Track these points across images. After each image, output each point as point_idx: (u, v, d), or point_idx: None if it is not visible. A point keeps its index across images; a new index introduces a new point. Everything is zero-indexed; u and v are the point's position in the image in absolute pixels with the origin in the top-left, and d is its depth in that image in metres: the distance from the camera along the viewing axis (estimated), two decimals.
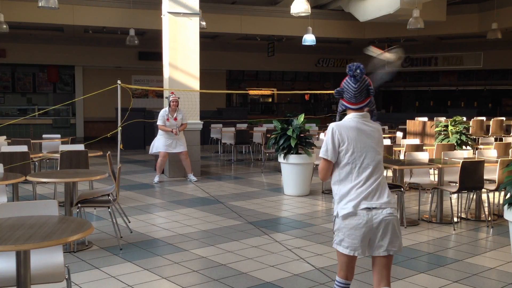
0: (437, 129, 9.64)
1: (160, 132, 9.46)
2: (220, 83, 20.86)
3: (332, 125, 3.09)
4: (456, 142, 8.88)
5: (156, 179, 9.42)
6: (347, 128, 3.05)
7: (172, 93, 9.52)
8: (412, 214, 6.86)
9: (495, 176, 6.27)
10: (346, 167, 3.04)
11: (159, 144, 9.46)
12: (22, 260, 2.92)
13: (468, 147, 8.92)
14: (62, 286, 3.49)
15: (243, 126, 14.18)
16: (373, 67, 3.26)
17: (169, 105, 9.36)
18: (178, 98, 9.45)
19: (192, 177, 9.62)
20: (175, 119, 9.37)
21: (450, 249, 5.42)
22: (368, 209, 2.96)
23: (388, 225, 2.97)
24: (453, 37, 18.51)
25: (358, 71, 2.99)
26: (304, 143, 8.20)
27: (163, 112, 9.38)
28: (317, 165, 9.10)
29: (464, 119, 9.59)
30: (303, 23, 14.81)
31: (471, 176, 6.15)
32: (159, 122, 9.39)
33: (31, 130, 17.74)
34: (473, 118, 13.40)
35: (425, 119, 13.37)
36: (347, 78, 3.06)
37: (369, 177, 3.01)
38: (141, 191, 8.65)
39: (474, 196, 6.84)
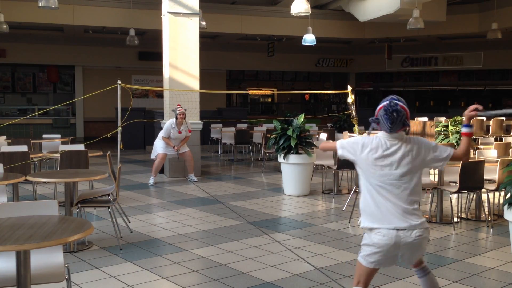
0: (437, 129, 9.64)
1: (159, 136, 9.44)
2: (220, 83, 20.86)
3: (363, 138, 3.13)
4: (456, 142, 8.87)
5: (151, 181, 9.28)
6: (372, 146, 3.06)
7: (179, 105, 9.38)
8: None
9: (495, 176, 6.26)
10: (373, 179, 3.05)
11: (159, 146, 9.43)
12: (22, 260, 2.92)
13: None
14: (62, 286, 3.49)
15: (243, 126, 14.18)
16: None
17: (176, 118, 9.25)
18: (185, 110, 9.34)
19: (192, 177, 9.60)
20: (179, 132, 9.29)
21: (450, 249, 5.42)
22: (397, 229, 2.96)
23: (416, 246, 3.01)
24: (453, 37, 18.52)
25: (395, 114, 2.98)
26: (304, 143, 8.19)
27: (169, 124, 9.26)
28: (317, 165, 9.12)
29: (464, 119, 9.58)
30: (303, 23, 14.81)
31: (471, 176, 6.15)
32: (163, 134, 9.28)
33: (31, 130, 17.74)
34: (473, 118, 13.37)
35: (425, 119, 13.37)
36: (382, 112, 3.03)
37: (398, 196, 3.00)
38: (141, 191, 8.64)
39: (474, 196, 6.84)
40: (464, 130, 3.19)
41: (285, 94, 23.60)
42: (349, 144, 3.16)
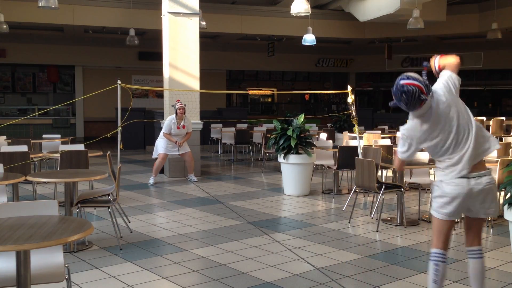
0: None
1: (161, 135, 9.45)
2: (220, 83, 20.86)
3: (404, 130, 3.26)
4: None
5: (151, 180, 9.27)
6: (427, 109, 3.15)
7: (178, 100, 9.40)
8: (412, 214, 6.86)
9: (495, 176, 6.26)
10: (442, 150, 3.17)
11: (160, 146, 9.43)
12: (22, 260, 2.91)
13: None
14: (62, 286, 3.49)
15: (243, 126, 14.18)
16: None
17: (176, 113, 9.27)
18: (185, 105, 9.35)
19: (192, 177, 9.59)
20: (183, 127, 9.31)
21: (450, 249, 5.40)
22: (468, 178, 3.07)
23: (487, 193, 3.11)
24: (453, 37, 18.52)
25: (404, 96, 3.06)
26: (304, 143, 8.19)
27: (170, 120, 9.27)
28: (317, 165, 9.12)
29: None
30: (303, 23, 14.81)
31: None
32: (164, 130, 9.29)
33: (31, 130, 17.74)
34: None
35: None
36: (393, 95, 3.14)
37: (464, 146, 3.13)
38: (141, 191, 8.64)
39: None
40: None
41: (285, 94, 23.61)
42: (408, 137, 3.23)
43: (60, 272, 3.29)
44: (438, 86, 3.22)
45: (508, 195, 4.69)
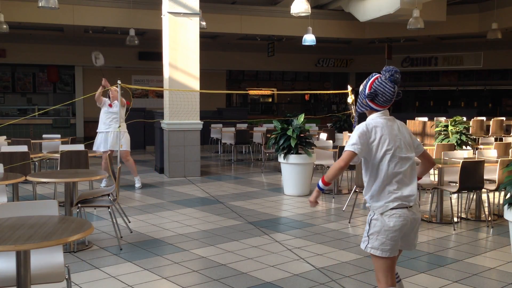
0: (437, 129, 9.64)
1: (99, 127, 8.69)
2: (220, 83, 20.85)
3: (365, 122, 3.03)
4: (456, 142, 8.88)
5: (103, 183, 8.52)
6: (377, 125, 2.99)
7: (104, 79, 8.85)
8: None
9: (495, 176, 6.27)
10: (382, 165, 2.93)
11: (100, 144, 8.60)
12: (22, 260, 2.91)
13: (468, 147, 8.92)
14: (62, 286, 3.49)
15: (243, 126, 14.17)
16: None
17: (108, 97, 8.76)
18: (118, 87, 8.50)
19: (137, 181, 8.88)
20: (110, 105, 8.69)
21: (450, 249, 5.42)
22: (407, 208, 2.92)
23: (418, 223, 3.01)
24: (453, 37, 18.52)
25: (397, 75, 2.98)
26: (304, 143, 8.20)
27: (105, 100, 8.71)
28: (317, 165, 9.12)
29: (464, 119, 9.58)
30: (303, 23, 14.81)
31: (471, 176, 6.15)
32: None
33: (31, 130, 17.73)
34: (473, 118, 13.40)
35: (425, 119, 13.36)
36: (381, 80, 2.96)
37: (405, 173, 2.94)
38: (141, 191, 8.64)
39: (474, 196, 6.84)
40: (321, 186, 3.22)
41: (285, 94, 23.60)
42: (354, 139, 2.95)
43: (60, 272, 3.29)
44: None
45: (508, 195, 4.69)
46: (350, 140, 2.97)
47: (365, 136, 2.94)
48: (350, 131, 11.49)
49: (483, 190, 6.39)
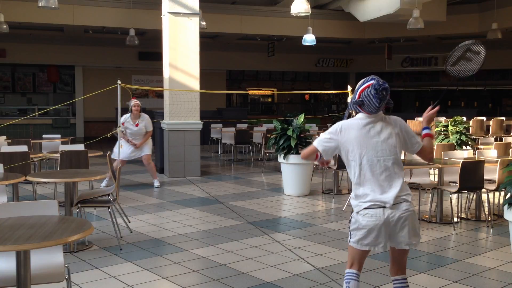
0: (437, 129, 9.64)
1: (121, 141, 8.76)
2: (220, 83, 20.86)
3: (341, 122, 3.12)
4: (456, 142, 8.88)
5: (104, 183, 8.53)
6: (352, 127, 3.06)
7: (134, 98, 8.93)
8: None
9: (495, 176, 6.26)
10: (355, 166, 3.05)
11: (123, 151, 8.70)
12: (22, 260, 2.91)
13: (468, 147, 8.93)
14: (62, 286, 3.49)
15: (243, 126, 14.18)
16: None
17: (131, 111, 8.74)
18: (140, 103, 8.84)
19: (156, 182, 8.98)
20: (137, 125, 8.72)
21: (450, 249, 5.42)
22: (384, 207, 2.96)
23: (405, 221, 2.99)
24: (453, 37, 18.50)
25: (384, 93, 2.97)
26: (304, 143, 8.19)
27: (124, 119, 8.69)
28: (317, 165, 9.11)
29: (464, 119, 9.59)
30: (303, 23, 14.81)
31: (471, 176, 6.15)
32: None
33: (31, 130, 17.74)
34: (473, 118, 13.40)
35: None
36: (369, 92, 2.99)
37: (382, 174, 3.00)
38: (141, 191, 8.64)
39: (474, 196, 6.84)
40: (425, 131, 3.25)
41: (285, 94, 23.61)
42: (325, 135, 3.13)
43: (60, 272, 3.29)
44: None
45: (508, 195, 4.69)
46: (322, 135, 3.14)
47: (336, 135, 3.09)
48: None
49: (483, 190, 6.39)
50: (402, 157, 8.71)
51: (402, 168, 3.09)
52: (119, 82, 8.76)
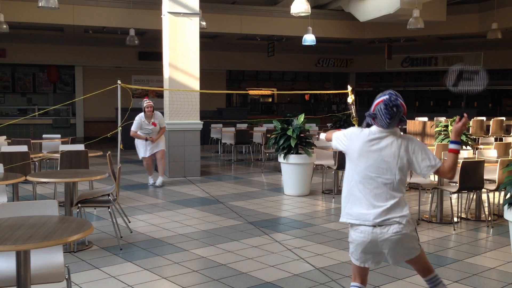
0: (437, 129, 9.64)
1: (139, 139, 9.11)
2: (220, 83, 20.86)
3: (354, 129, 3.14)
4: None
5: (150, 181, 9.17)
6: (359, 137, 3.07)
7: (146, 97, 9.17)
8: (412, 214, 6.81)
9: (495, 176, 6.26)
10: (351, 176, 3.07)
11: (141, 150, 9.13)
12: (22, 260, 2.92)
13: (468, 147, 8.92)
14: (62, 286, 3.49)
15: (243, 126, 14.18)
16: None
17: (144, 111, 8.95)
18: (153, 103, 9.07)
19: (160, 180, 9.11)
20: (154, 124, 8.98)
21: (450, 249, 5.42)
22: (373, 226, 2.95)
23: (394, 243, 2.96)
24: (453, 37, 18.52)
25: (394, 109, 2.96)
26: (304, 143, 8.20)
27: (139, 119, 8.93)
28: (317, 165, 9.12)
29: (452, 134, 9.57)
30: (303, 23, 14.81)
31: (471, 176, 6.15)
32: (132, 128, 8.96)
33: (31, 130, 17.74)
34: (473, 118, 13.40)
35: (425, 119, 13.37)
36: (382, 108, 2.98)
37: (372, 191, 2.99)
38: (141, 191, 8.64)
39: (474, 196, 6.84)
40: (452, 146, 3.12)
41: (285, 94, 23.61)
42: (343, 134, 3.17)
43: (60, 272, 3.29)
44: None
45: (508, 195, 4.69)
46: (341, 132, 3.20)
47: (346, 140, 3.13)
48: None
49: (483, 190, 6.39)
50: None
51: (400, 190, 3.01)
52: (119, 82, 8.75)
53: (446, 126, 9.36)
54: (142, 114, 8.99)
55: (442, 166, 3.05)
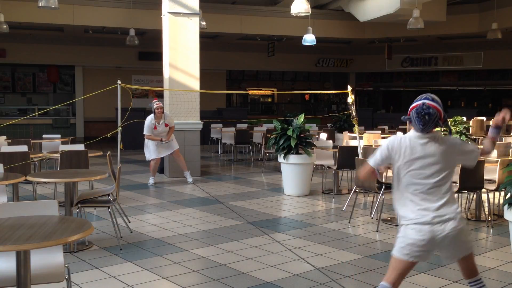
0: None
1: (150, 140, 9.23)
2: (220, 83, 20.85)
3: (399, 136, 3.14)
4: None
5: (151, 181, 9.25)
6: (404, 142, 3.09)
7: (156, 99, 9.28)
8: None
9: (495, 176, 6.26)
10: (405, 179, 3.08)
11: (152, 150, 9.25)
12: (22, 260, 2.92)
13: None
14: (62, 286, 3.49)
15: (243, 126, 14.18)
16: None
17: (154, 113, 9.08)
18: (163, 104, 9.19)
19: (188, 175, 9.45)
20: (165, 125, 9.12)
21: None
22: (431, 224, 2.97)
23: (452, 239, 3.01)
24: (453, 37, 18.52)
25: (426, 117, 2.99)
26: (304, 143, 8.19)
27: (149, 121, 9.07)
28: (317, 165, 9.12)
29: (464, 119, 9.57)
30: (303, 23, 14.81)
31: (471, 176, 6.14)
32: (145, 132, 9.09)
33: (31, 130, 17.74)
34: (473, 118, 13.40)
35: None
36: (414, 113, 3.03)
37: (426, 192, 3.03)
38: (141, 191, 8.64)
39: (474, 196, 6.84)
40: (489, 134, 3.29)
41: (285, 94, 23.60)
42: (386, 146, 3.14)
43: (60, 272, 3.29)
44: (452, 135, 3.23)
45: (508, 195, 4.69)
46: (376, 153, 3.17)
47: (391, 149, 3.11)
48: (350, 131, 11.50)
49: (483, 190, 6.39)
50: None
51: (449, 187, 3.08)
52: (119, 82, 8.75)
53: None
54: (152, 115, 9.12)
55: (481, 150, 3.25)
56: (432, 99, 3.04)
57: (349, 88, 8.16)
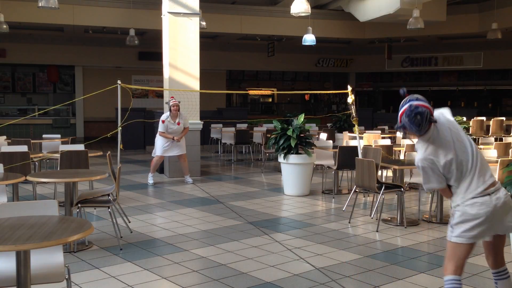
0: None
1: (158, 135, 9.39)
2: (220, 83, 20.86)
3: (422, 159, 3.13)
4: None
5: (151, 180, 9.23)
6: (428, 142, 3.11)
7: (172, 97, 9.30)
8: (412, 214, 6.86)
9: (495, 176, 6.26)
10: (455, 173, 3.10)
11: (159, 147, 9.33)
12: (22, 260, 2.92)
13: None
14: (62, 286, 3.49)
15: (243, 126, 14.18)
16: None
17: (170, 110, 9.18)
18: (179, 102, 9.25)
19: (188, 178, 9.47)
20: (178, 124, 9.19)
21: None
22: (489, 194, 3.02)
23: (509, 204, 3.06)
24: (453, 37, 18.52)
25: (418, 117, 3.00)
26: (304, 143, 8.19)
27: (165, 118, 9.15)
28: (317, 165, 9.13)
29: (464, 119, 9.59)
30: (303, 23, 14.81)
31: None
32: (160, 129, 9.16)
33: (31, 130, 17.74)
34: (473, 118, 13.40)
35: None
36: (406, 118, 3.03)
37: (471, 171, 3.07)
38: (141, 191, 8.64)
39: None
40: None
41: (285, 94, 23.61)
42: (434, 178, 3.15)
43: (60, 272, 3.29)
44: (437, 112, 3.23)
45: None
46: (430, 179, 3.17)
47: (434, 166, 3.12)
48: (350, 131, 11.50)
49: None
50: (402, 157, 8.72)
51: (484, 161, 3.13)
52: (119, 82, 8.76)
53: None
54: (168, 113, 9.20)
55: None
56: (416, 99, 3.05)
57: (349, 88, 8.16)
